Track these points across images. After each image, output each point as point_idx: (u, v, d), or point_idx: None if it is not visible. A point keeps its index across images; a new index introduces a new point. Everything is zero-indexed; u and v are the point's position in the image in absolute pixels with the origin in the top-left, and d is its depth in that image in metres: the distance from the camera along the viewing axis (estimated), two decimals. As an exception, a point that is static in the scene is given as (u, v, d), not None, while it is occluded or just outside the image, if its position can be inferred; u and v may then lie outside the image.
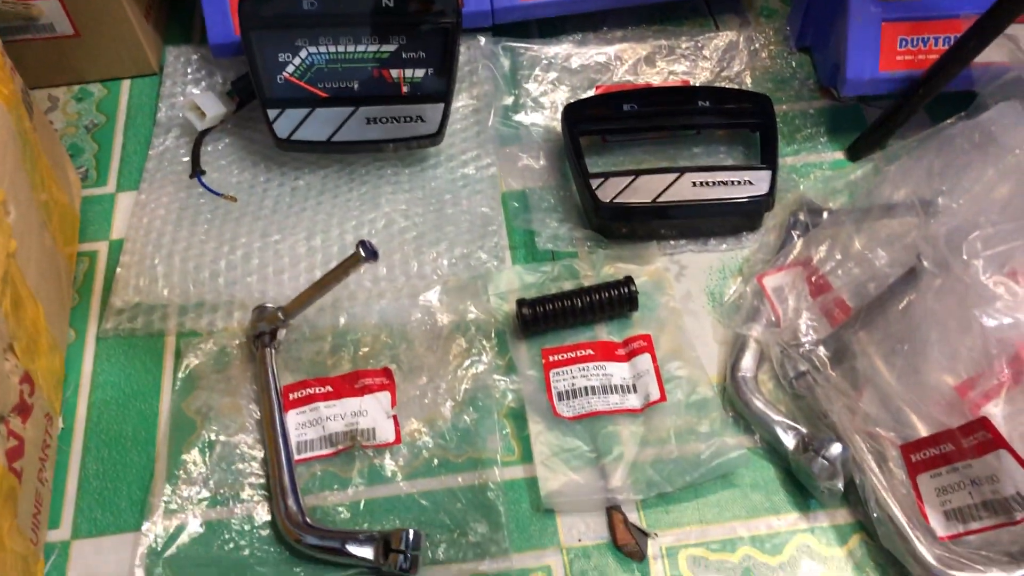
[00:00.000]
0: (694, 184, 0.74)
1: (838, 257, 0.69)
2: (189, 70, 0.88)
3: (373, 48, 0.77)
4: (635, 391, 0.68)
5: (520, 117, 0.84)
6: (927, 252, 0.61)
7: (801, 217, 0.74)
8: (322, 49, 0.77)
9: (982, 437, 0.56)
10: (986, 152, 0.64)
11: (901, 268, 0.65)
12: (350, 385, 0.69)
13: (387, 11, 0.76)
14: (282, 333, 0.71)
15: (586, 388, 0.68)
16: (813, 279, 0.70)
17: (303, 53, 0.77)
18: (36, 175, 0.71)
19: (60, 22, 0.83)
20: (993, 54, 0.72)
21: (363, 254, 0.64)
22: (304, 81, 0.77)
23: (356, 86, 0.78)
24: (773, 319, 0.70)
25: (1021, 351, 0.58)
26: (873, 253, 0.67)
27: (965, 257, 0.58)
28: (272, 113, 0.77)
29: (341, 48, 0.77)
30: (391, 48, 0.77)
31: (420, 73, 0.77)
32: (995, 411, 0.58)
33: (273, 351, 0.70)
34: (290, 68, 0.77)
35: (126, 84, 0.89)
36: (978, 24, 0.70)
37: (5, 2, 0.78)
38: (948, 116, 0.74)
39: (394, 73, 0.77)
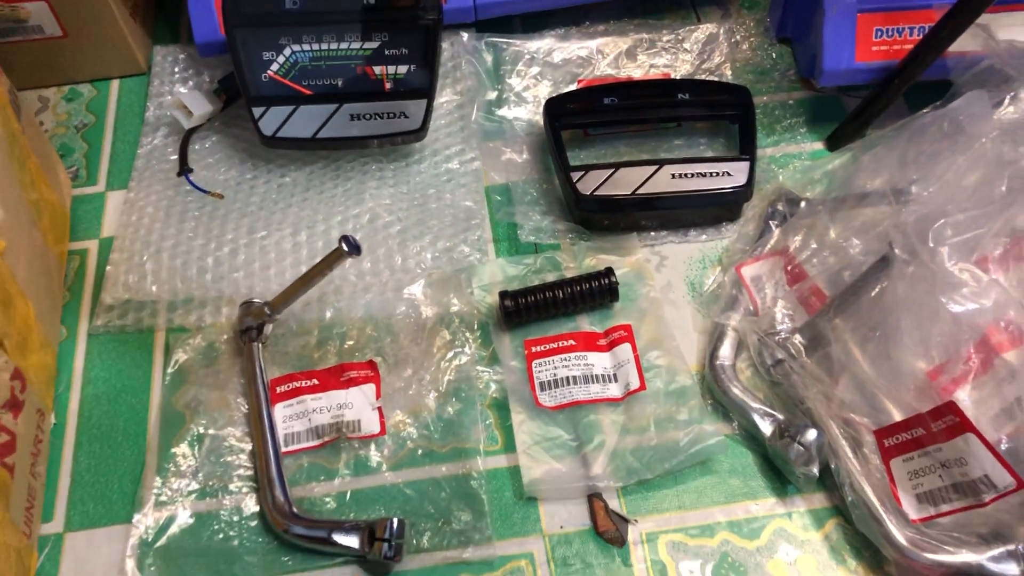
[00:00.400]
0: (673, 176, 0.75)
1: (814, 246, 0.70)
2: (176, 69, 0.89)
3: (356, 45, 0.78)
4: (616, 380, 0.69)
5: (503, 111, 0.85)
6: (898, 240, 0.62)
7: (779, 207, 0.75)
8: (306, 47, 0.78)
9: (950, 421, 0.57)
10: (955, 141, 0.65)
11: (875, 256, 0.66)
12: (336, 378, 0.70)
13: (369, 9, 0.77)
14: (269, 328, 0.72)
15: (568, 378, 0.69)
16: (790, 268, 0.71)
17: (287, 51, 0.78)
18: (25, 175, 0.72)
19: (48, 24, 0.84)
20: (967, 43, 0.73)
21: (346, 249, 0.65)
22: (288, 79, 0.78)
23: (340, 83, 0.79)
24: (751, 308, 0.71)
25: (989, 336, 0.59)
26: (848, 242, 0.68)
27: (932, 244, 0.59)
28: (257, 111, 0.78)
29: (324, 46, 0.78)
30: (374, 45, 0.78)
31: (403, 69, 0.78)
32: (964, 395, 0.59)
33: (260, 345, 0.71)
34: (274, 66, 0.78)
35: (115, 84, 0.90)
36: (951, 13, 0.71)
37: (-7, 6, 0.79)
38: (926, 105, 0.74)
39: (377, 70, 0.78)
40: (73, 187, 0.83)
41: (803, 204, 0.75)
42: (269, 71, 0.78)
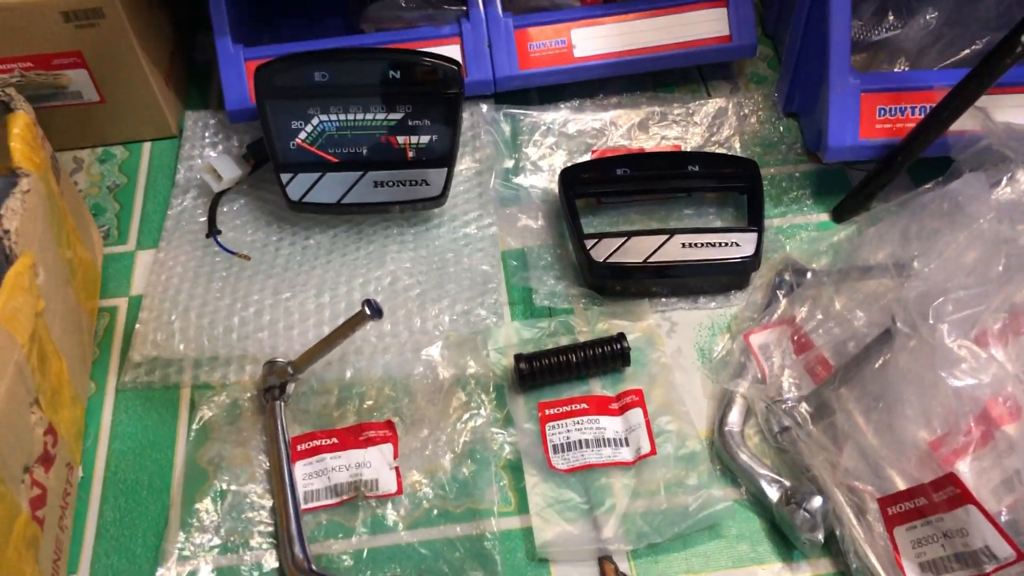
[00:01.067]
0: (684, 245, 0.78)
1: (819, 317, 0.73)
2: (207, 134, 0.93)
3: (381, 116, 0.81)
4: (627, 444, 0.71)
5: (520, 179, 0.89)
6: (900, 314, 0.64)
7: (786, 277, 0.78)
8: (332, 117, 0.81)
9: (951, 492, 0.59)
10: (955, 220, 0.68)
11: (878, 328, 0.68)
12: (355, 437, 0.72)
13: (394, 82, 0.81)
14: (291, 386, 0.74)
15: (580, 441, 0.71)
16: (796, 337, 0.73)
17: (315, 121, 0.81)
18: (62, 235, 0.75)
19: (87, 90, 0.88)
20: (966, 123, 0.76)
21: (368, 312, 0.68)
22: (315, 147, 0.82)
23: (365, 151, 0.82)
24: (759, 375, 0.73)
25: (989, 410, 0.61)
26: (852, 313, 0.71)
27: (932, 321, 0.62)
28: (285, 177, 0.82)
29: (350, 116, 0.81)
30: (398, 116, 0.81)
31: (425, 139, 0.82)
32: (965, 467, 0.61)
33: (282, 404, 0.73)
34: (302, 135, 0.82)
35: (147, 146, 0.94)
36: (950, 96, 0.74)
37: (39, 74, 0.83)
38: (929, 179, 0.77)
39: (400, 139, 0.82)
40: (104, 246, 0.87)
41: (809, 275, 0.77)
42: (297, 139, 0.82)
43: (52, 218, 0.73)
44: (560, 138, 0.91)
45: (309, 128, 0.82)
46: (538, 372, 0.74)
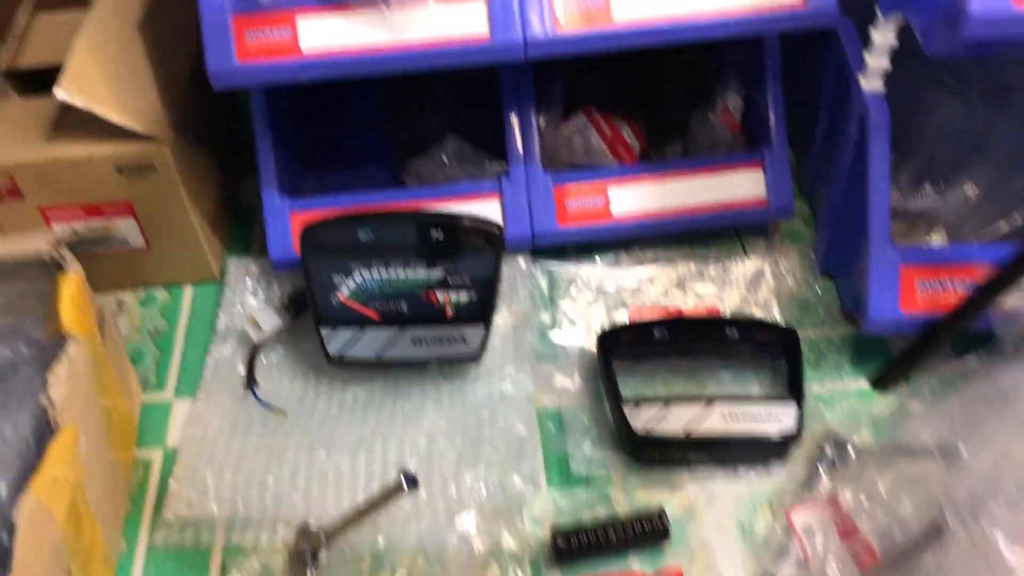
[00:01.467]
0: (723, 417, 0.77)
1: (863, 499, 0.71)
2: (248, 280, 0.94)
3: (422, 274, 0.82)
4: (665, 628, 0.69)
5: (556, 335, 0.89)
6: (949, 511, 0.63)
7: (827, 451, 0.77)
8: (375, 274, 0.82)
9: None
10: (1003, 413, 0.67)
11: (924, 518, 0.67)
12: (387, 612, 0.71)
13: (436, 242, 0.82)
14: (324, 554, 0.73)
15: (617, 623, 0.69)
16: (840, 520, 0.71)
17: (357, 277, 0.82)
18: (101, 385, 0.75)
19: (133, 237, 0.89)
20: (1010, 300, 0.76)
21: (405, 488, 0.67)
22: (357, 302, 0.82)
23: (405, 308, 0.82)
24: (801, 557, 0.71)
25: (1049, 621, 0.59)
26: (897, 500, 0.69)
27: (984, 526, 0.60)
28: (325, 332, 0.82)
29: (392, 274, 0.82)
30: (439, 275, 0.82)
31: (464, 298, 0.82)
32: None
33: (314, 571, 0.72)
34: (344, 290, 0.82)
35: (188, 290, 0.95)
36: (995, 277, 0.73)
37: (91, 228, 0.85)
38: (972, 348, 0.77)
39: (440, 297, 0.82)
40: (142, 392, 0.87)
41: (850, 447, 0.77)
42: (339, 294, 0.82)
43: (94, 376, 0.74)
44: (597, 293, 0.91)
45: (352, 284, 0.82)
46: (576, 549, 0.72)
